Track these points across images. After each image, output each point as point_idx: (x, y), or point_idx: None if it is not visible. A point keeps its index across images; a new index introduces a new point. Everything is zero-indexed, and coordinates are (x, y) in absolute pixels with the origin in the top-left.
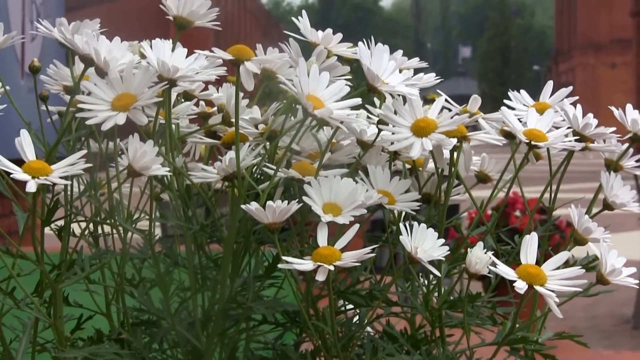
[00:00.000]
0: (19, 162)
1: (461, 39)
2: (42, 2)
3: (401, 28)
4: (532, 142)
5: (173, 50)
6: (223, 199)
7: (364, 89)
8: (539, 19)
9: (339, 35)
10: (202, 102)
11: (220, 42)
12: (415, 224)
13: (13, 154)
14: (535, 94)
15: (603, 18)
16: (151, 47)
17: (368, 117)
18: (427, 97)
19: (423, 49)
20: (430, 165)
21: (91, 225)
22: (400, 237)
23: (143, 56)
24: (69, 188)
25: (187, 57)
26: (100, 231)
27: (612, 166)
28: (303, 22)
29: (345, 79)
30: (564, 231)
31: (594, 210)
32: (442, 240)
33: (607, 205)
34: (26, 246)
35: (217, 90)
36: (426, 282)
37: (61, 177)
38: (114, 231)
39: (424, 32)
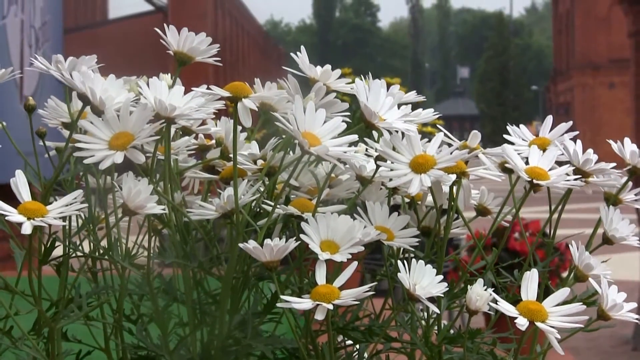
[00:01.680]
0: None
1: (459, 59)
2: (40, 26)
3: (399, 48)
4: (534, 181)
5: (174, 84)
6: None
7: (362, 125)
8: (537, 39)
9: (338, 71)
10: (200, 135)
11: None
12: (414, 261)
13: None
14: (533, 114)
15: (601, 38)
16: (148, 84)
17: (366, 152)
18: None
19: (421, 69)
20: (430, 199)
21: (90, 261)
22: (399, 274)
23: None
24: (66, 224)
25: (186, 86)
26: (99, 266)
27: (612, 200)
28: (302, 58)
29: (345, 109)
30: (563, 254)
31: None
32: (441, 277)
33: (607, 239)
34: (25, 269)
35: (215, 123)
36: (426, 315)
37: (57, 218)
38: (113, 266)
39: (422, 53)
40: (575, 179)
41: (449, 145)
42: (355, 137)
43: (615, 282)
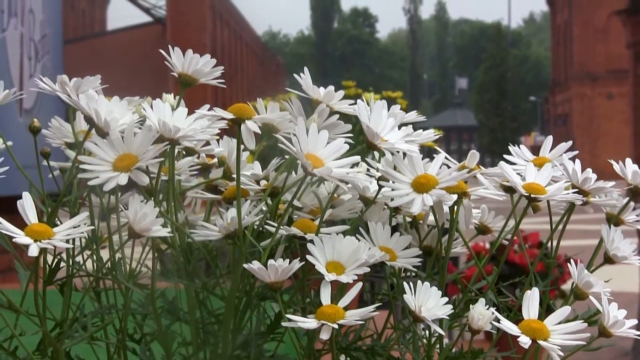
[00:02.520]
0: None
1: (458, 70)
2: (40, 39)
3: (397, 59)
4: (532, 195)
5: (178, 105)
6: None
7: (364, 146)
8: (535, 50)
9: (341, 92)
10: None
11: None
12: (419, 282)
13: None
14: (532, 125)
15: (599, 49)
16: (152, 106)
17: (368, 171)
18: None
19: (419, 80)
20: (431, 218)
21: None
22: (405, 295)
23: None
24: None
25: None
26: (102, 286)
27: (613, 220)
28: (305, 79)
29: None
30: (562, 266)
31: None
32: (446, 299)
33: (608, 259)
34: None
35: (218, 141)
36: (427, 333)
37: (63, 240)
38: (116, 285)
39: (421, 64)
40: (574, 192)
41: (448, 166)
42: (358, 158)
43: (614, 293)
